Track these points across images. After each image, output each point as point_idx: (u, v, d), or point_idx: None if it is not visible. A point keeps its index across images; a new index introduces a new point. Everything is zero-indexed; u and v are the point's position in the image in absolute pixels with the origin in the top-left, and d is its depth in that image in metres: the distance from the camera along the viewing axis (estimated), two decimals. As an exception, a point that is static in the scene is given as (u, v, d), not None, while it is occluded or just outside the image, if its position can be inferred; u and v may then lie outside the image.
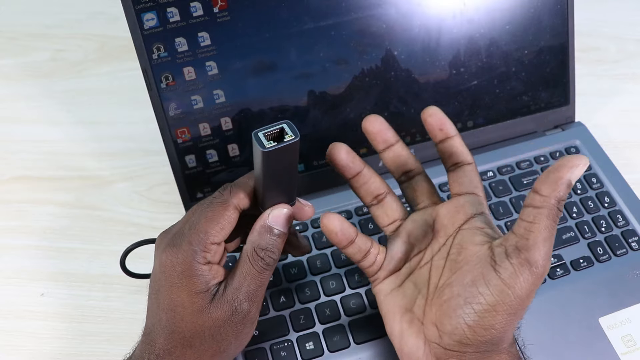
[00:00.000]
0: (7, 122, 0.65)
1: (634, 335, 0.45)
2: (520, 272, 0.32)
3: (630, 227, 0.51)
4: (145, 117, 0.60)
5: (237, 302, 0.35)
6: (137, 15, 0.45)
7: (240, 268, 0.36)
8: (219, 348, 0.36)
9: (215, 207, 0.36)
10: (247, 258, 0.36)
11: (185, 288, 0.35)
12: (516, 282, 0.32)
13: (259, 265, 0.36)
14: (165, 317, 0.35)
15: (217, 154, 0.50)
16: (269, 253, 0.36)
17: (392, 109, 0.52)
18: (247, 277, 0.35)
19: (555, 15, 0.53)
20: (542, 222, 0.32)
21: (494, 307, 0.33)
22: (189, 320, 0.35)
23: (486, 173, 0.54)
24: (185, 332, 0.35)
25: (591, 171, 0.55)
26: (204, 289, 0.35)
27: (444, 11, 0.50)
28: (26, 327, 0.50)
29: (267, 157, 0.31)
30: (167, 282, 0.35)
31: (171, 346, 0.35)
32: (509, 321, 0.33)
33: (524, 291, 0.32)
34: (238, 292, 0.35)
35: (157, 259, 0.36)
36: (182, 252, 0.35)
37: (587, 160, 0.31)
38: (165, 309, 0.35)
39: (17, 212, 0.57)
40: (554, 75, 0.56)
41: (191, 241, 0.35)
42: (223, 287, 0.36)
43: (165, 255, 0.35)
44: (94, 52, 0.71)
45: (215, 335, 0.35)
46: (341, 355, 0.44)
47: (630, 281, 0.48)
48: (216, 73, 0.48)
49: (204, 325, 0.35)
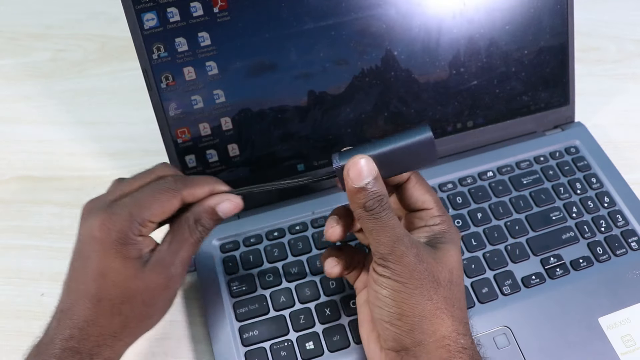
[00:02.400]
0: (7, 122, 0.65)
1: (633, 335, 0.45)
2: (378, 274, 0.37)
3: (630, 227, 0.51)
4: (145, 117, 0.60)
5: (173, 267, 0.37)
6: (137, 15, 0.45)
7: (179, 235, 0.37)
8: (147, 313, 0.37)
9: (166, 193, 0.37)
10: (187, 227, 0.37)
11: (119, 254, 0.35)
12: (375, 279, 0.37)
13: (197, 237, 0.38)
14: (94, 285, 0.35)
15: (217, 154, 0.50)
16: (205, 230, 0.38)
17: (392, 109, 0.52)
18: (184, 244, 0.37)
19: (555, 15, 0.53)
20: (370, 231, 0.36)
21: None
22: (121, 285, 0.36)
23: (486, 173, 0.54)
24: (115, 299, 0.36)
25: (591, 171, 0.55)
26: (136, 255, 0.36)
27: (444, 11, 0.51)
28: (26, 327, 0.49)
29: (428, 135, 0.36)
30: (98, 247, 0.35)
31: (97, 315, 0.36)
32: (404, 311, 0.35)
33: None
34: (175, 257, 0.37)
35: (86, 226, 0.36)
36: (120, 221, 0.35)
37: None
38: (94, 276, 0.36)
39: (17, 212, 0.57)
40: (554, 75, 0.56)
41: (132, 213, 0.36)
42: (157, 252, 0.37)
43: (99, 221, 0.35)
44: (94, 52, 0.71)
45: (146, 300, 0.36)
46: (341, 355, 0.44)
47: (630, 281, 0.48)
48: (216, 73, 0.48)
49: (137, 290, 0.36)
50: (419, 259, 0.35)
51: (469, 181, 0.54)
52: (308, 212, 0.52)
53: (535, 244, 0.50)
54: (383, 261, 0.36)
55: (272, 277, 0.48)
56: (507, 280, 0.48)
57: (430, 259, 0.36)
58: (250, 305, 0.46)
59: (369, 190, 0.35)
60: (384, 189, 0.36)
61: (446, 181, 0.54)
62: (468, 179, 0.54)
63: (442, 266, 0.36)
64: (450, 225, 0.39)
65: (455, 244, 0.38)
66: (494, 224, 0.51)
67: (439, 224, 0.38)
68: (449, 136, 0.55)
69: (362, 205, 0.35)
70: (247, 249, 0.50)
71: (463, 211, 0.52)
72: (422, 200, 0.39)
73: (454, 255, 0.37)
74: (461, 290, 0.37)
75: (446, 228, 0.38)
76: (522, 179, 0.54)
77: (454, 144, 0.56)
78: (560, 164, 0.55)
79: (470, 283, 0.48)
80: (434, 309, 0.35)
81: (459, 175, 0.54)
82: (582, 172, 0.55)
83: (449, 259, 0.37)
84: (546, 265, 0.48)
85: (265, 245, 0.50)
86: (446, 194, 0.53)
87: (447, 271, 0.36)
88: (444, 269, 0.36)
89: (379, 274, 0.36)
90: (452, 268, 0.37)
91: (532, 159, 0.56)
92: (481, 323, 0.45)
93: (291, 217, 0.52)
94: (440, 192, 0.53)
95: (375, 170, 0.36)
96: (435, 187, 0.53)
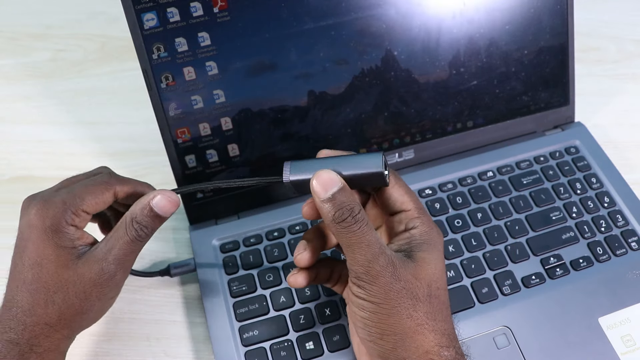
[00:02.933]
0: (7, 122, 0.65)
1: (633, 335, 0.45)
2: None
3: (629, 227, 0.51)
4: (145, 117, 0.60)
5: (105, 263, 0.37)
6: (137, 15, 0.45)
7: (115, 233, 0.38)
8: (81, 308, 0.38)
9: (98, 184, 0.39)
10: (124, 225, 0.38)
11: (52, 241, 0.37)
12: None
13: (132, 234, 0.38)
14: (31, 274, 0.37)
15: (217, 154, 0.50)
16: (143, 228, 0.38)
17: (392, 109, 0.52)
18: (119, 241, 0.38)
19: (555, 16, 0.53)
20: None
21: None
22: (53, 272, 0.37)
23: (486, 173, 0.54)
24: (49, 287, 0.37)
25: (591, 171, 0.55)
26: (69, 245, 0.37)
27: (444, 11, 0.51)
28: (26, 327, 0.49)
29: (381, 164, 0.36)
30: (34, 235, 0.37)
31: (34, 304, 0.37)
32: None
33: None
34: (108, 254, 0.38)
35: (24, 218, 0.38)
36: (53, 207, 0.37)
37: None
38: (31, 264, 0.37)
39: (17, 212, 0.57)
40: (554, 75, 0.56)
41: (65, 201, 0.38)
42: (93, 248, 0.38)
43: (35, 210, 0.37)
44: (94, 52, 0.71)
45: (78, 293, 0.37)
46: (341, 355, 0.44)
47: (630, 281, 0.48)
48: (216, 73, 0.48)
49: (69, 280, 0.37)
50: (395, 277, 0.34)
51: (469, 181, 0.54)
52: (308, 212, 0.52)
53: (535, 244, 0.50)
54: (357, 280, 0.35)
55: (272, 277, 0.48)
56: (507, 280, 0.48)
57: (408, 275, 0.35)
58: (250, 305, 0.46)
59: (336, 200, 0.34)
60: (354, 199, 0.35)
61: (446, 181, 0.54)
62: (468, 179, 0.54)
63: (421, 281, 0.35)
64: (431, 227, 0.38)
65: (435, 249, 0.37)
66: (494, 224, 0.51)
67: (418, 227, 0.37)
68: (449, 136, 0.55)
69: (332, 218, 0.34)
70: (247, 249, 0.50)
71: (463, 211, 0.52)
72: (400, 201, 0.38)
73: (434, 265, 0.36)
74: (443, 301, 0.36)
75: (426, 230, 0.37)
76: (522, 179, 0.54)
77: (454, 144, 0.56)
78: (560, 164, 0.55)
79: (470, 283, 0.48)
80: (415, 325, 0.35)
81: (459, 175, 0.54)
82: (582, 172, 0.55)
83: (427, 272, 0.36)
84: (546, 265, 0.48)
85: (265, 245, 0.50)
86: (446, 194, 0.53)
87: (426, 286, 0.35)
88: (422, 284, 0.35)
89: (355, 294, 0.36)
90: (430, 281, 0.36)
91: (532, 159, 0.56)
92: (481, 323, 0.45)
93: (291, 217, 0.52)
94: (440, 192, 0.53)
95: (341, 181, 0.35)
96: (435, 187, 0.53)
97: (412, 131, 0.54)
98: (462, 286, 0.47)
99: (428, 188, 0.53)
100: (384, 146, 0.54)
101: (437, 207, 0.52)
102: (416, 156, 0.55)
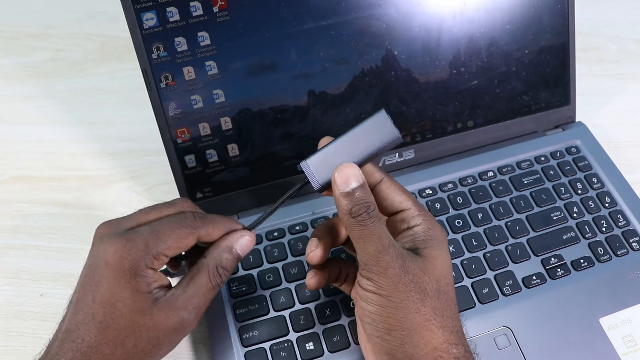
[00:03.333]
0: (7, 122, 0.65)
1: (634, 336, 0.45)
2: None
3: (630, 227, 0.51)
4: (145, 117, 0.60)
5: (186, 312, 0.36)
6: (136, 15, 0.44)
7: (197, 280, 0.37)
8: (150, 352, 0.36)
9: (184, 229, 0.37)
10: (207, 273, 0.37)
11: (129, 285, 0.35)
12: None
13: (216, 282, 0.37)
14: (102, 312, 0.35)
15: (216, 153, 0.50)
16: (226, 272, 0.38)
17: (392, 108, 0.52)
18: (201, 290, 0.37)
19: (556, 15, 0.53)
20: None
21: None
22: (128, 317, 0.35)
23: (486, 173, 0.54)
24: (121, 330, 0.35)
25: (592, 171, 0.55)
26: (146, 289, 0.35)
27: (444, 11, 0.50)
28: (26, 328, 0.49)
29: (380, 116, 0.37)
30: (110, 275, 0.35)
31: (101, 343, 0.35)
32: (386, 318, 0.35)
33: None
34: (188, 303, 0.36)
35: (100, 250, 0.36)
36: (134, 250, 0.35)
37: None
38: (103, 303, 0.35)
39: (17, 212, 0.57)
40: (555, 75, 0.56)
41: (149, 244, 0.36)
42: (170, 294, 0.36)
43: (114, 248, 0.35)
44: (93, 52, 0.71)
45: (152, 339, 0.36)
46: (341, 355, 0.44)
47: (631, 281, 0.47)
48: (216, 73, 0.47)
49: (143, 326, 0.35)
50: (404, 270, 0.35)
51: (470, 181, 0.54)
52: (308, 212, 0.52)
53: (536, 244, 0.50)
54: (367, 272, 0.35)
55: (272, 278, 0.48)
56: (508, 280, 0.48)
57: (416, 269, 0.35)
58: (250, 305, 0.46)
59: (355, 196, 0.35)
60: (371, 197, 0.36)
61: (447, 181, 0.54)
62: (469, 179, 0.54)
63: (429, 276, 0.35)
64: (433, 223, 0.38)
65: (441, 246, 0.37)
66: (494, 224, 0.51)
67: (421, 224, 0.37)
68: (449, 136, 0.55)
69: (349, 211, 0.35)
70: (247, 249, 0.50)
71: (464, 211, 0.52)
72: (398, 201, 0.38)
73: (442, 261, 0.36)
74: (451, 298, 0.36)
75: (429, 226, 0.38)
76: (523, 179, 0.54)
77: (454, 144, 0.55)
78: (561, 163, 0.55)
79: (470, 283, 0.47)
80: (423, 320, 0.35)
81: (459, 175, 0.54)
82: (582, 172, 0.55)
83: (436, 267, 0.36)
84: (547, 265, 0.48)
85: (265, 245, 0.50)
86: (447, 194, 0.53)
87: (435, 281, 0.36)
88: (431, 279, 0.35)
89: (364, 288, 0.36)
90: (439, 277, 0.36)
91: (532, 159, 0.55)
92: (482, 323, 0.45)
93: (291, 217, 0.51)
94: (440, 192, 0.53)
95: (362, 177, 0.36)
96: (436, 187, 0.53)
97: (413, 131, 0.54)
98: (462, 286, 0.47)
99: (428, 188, 0.53)
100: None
101: (437, 207, 0.52)
102: (416, 156, 0.55)
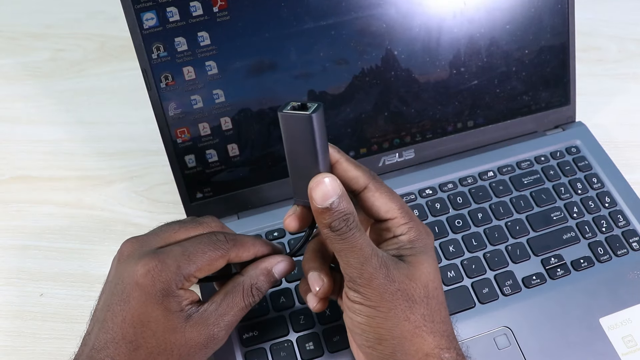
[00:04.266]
0: (7, 122, 0.65)
1: (634, 336, 0.45)
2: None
3: (630, 227, 0.51)
4: (145, 117, 0.60)
5: (217, 329, 0.36)
6: (136, 15, 0.44)
7: (231, 298, 0.37)
8: None
9: (216, 252, 0.37)
10: (242, 291, 0.37)
11: (161, 305, 0.35)
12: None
13: (249, 301, 0.38)
14: (133, 332, 0.35)
15: (216, 153, 0.50)
16: (260, 293, 0.38)
17: (392, 108, 0.52)
18: (234, 308, 0.37)
19: (556, 15, 0.53)
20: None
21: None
22: (160, 337, 0.35)
23: (486, 173, 0.54)
24: (152, 349, 0.35)
25: (592, 171, 0.55)
26: (177, 309, 0.35)
27: (444, 11, 0.50)
28: (26, 328, 0.49)
29: (282, 119, 0.34)
30: (142, 295, 0.35)
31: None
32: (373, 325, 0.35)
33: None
34: (220, 320, 0.36)
35: (129, 269, 0.35)
36: (166, 272, 0.35)
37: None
38: (134, 323, 0.35)
39: (16, 212, 0.57)
40: (555, 75, 0.56)
41: (180, 266, 0.35)
42: (203, 310, 0.36)
43: (145, 269, 0.35)
44: (93, 52, 0.71)
45: (183, 355, 0.35)
46: (341, 356, 0.44)
47: (631, 281, 0.47)
48: (216, 73, 0.47)
49: (175, 344, 0.35)
50: (389, 279, 0.34)
51: (470, 181, 0.54)
52: (308, 212, 0.52)
53: (535, 244, 0.50)
54: (352, 284, 0.35)
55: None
56: (508, 280, 0.48)
57: (402, 277, 0.35)
58: (250, 305, 0.46)
59: (334, 210, 0.33)
60: (350, 206, 0.34)
61: (446, 181, 0.54)
62: (468, 179, 0.54)
63: (416, 282, 0.35)
64: (420, 231, 0.37)
65: (427, 252, 0.37)
66: (494, 224, 0.51)
67: (406, 233, 0.37)
68: (450, 136, 0.55)
69: (328, 226, 0.34)
70: (247, 249, 0.50)
71: (463, 211, 0.52)
72: (384, 210, 0.37)
73: (427, 265, 0.36)
74: (440, 302, 0.36)
75: (415, 236, 0.37)
76: (523, 179, 0.54)
77: (454, 143, 0.55)
78: (561, 164, 0.55)
79: (470, 283, 0.47)
80: (413, 328, 0.34)
81: (459, 175, 0.54)
82: (583, 172, 0.55)
83: (422, 273, 0.35)
84: (547, 265, 0.48)
85: (265, 246, 0.50)
86: (446, 194, 0.53)
87: (422, 287, 0.35)
88: (418, 285, 0.35)
89: (351, 300, 0.35)
90: (426, 282, 0.35)
91: (532, 159, 0.55)
92: (482, 323, 0.45)
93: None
94: (440, 192, 0.53)
95: (341, 188, 0.34)
96: (436, 187, 0.53)
97: (413, 131, 0.54)
98: (462, 286, 0.47)
99: (428, 188, 0.53)
100: (384, 146, 0.54)
101: (437, 207, 0.52)
102: (416, 156, 0.55)
